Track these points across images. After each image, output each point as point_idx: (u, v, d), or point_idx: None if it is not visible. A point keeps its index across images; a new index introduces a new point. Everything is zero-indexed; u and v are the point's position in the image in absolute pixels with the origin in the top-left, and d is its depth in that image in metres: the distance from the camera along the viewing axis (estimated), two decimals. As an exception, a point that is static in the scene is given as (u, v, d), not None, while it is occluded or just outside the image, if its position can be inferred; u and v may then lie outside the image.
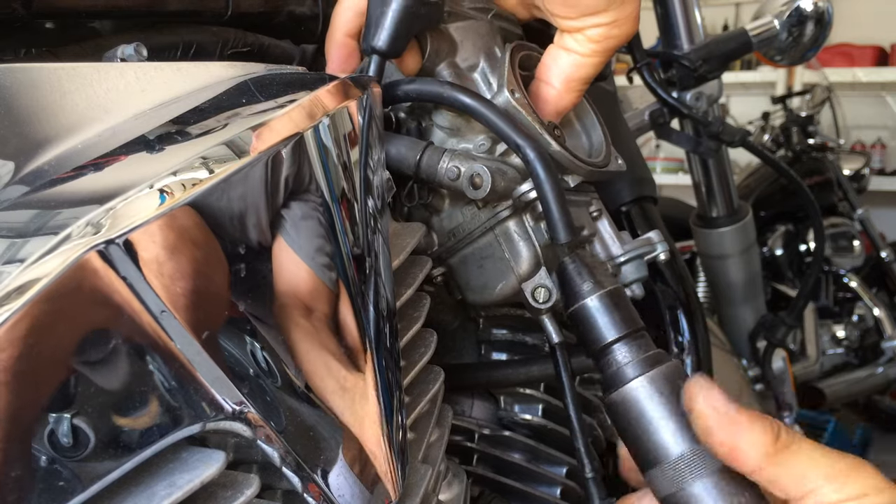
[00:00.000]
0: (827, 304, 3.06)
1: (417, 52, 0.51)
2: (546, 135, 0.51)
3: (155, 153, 0.30)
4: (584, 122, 0.60)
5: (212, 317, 0.29)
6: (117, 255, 0.26)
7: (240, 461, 0.34)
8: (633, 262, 0.59)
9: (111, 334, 0.26)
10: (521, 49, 0.54)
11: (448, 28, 0.53)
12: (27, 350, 0.24)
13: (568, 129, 0.59)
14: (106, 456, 0.26)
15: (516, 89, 0.50)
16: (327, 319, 0.34)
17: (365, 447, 0.36)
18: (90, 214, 0.26)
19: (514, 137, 0.46)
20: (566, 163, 0.52)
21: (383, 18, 0.47)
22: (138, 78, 0.34)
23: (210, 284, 0.29)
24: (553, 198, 0.46)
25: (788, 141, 3.19)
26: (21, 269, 0.24)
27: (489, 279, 0.54)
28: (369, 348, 0.36)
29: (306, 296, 0.33)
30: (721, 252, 1.45)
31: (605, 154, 0.58)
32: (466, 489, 0.53)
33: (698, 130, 1.24)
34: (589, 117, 0.59)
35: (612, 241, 0.59)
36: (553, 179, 0.46)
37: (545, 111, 0.53)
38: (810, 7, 1.07)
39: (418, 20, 0.48)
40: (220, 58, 0.49)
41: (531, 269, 0.52)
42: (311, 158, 0.33)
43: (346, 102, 0.36)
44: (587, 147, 0.59)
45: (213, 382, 0.29)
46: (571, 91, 0.53)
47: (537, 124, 0.50)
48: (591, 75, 0.52)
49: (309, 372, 0.33)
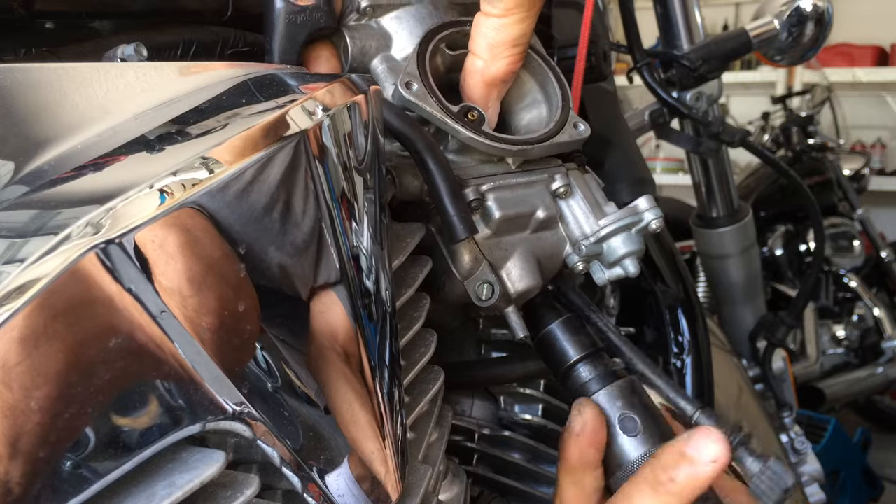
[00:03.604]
0: (827, 304, 3.06)
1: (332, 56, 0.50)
2: (451, 122, 0.48)
3: (155, 153, 0.30)
4: (547, 90, 0.55)
5: (211, 317, 0.29)
6: (117, 255, 0.26)
7: (240, 461, 0.34)
8: (620, 236, 0.53)
9: (111, 334, 0.26)
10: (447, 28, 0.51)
11: (379, 21, 0.51)
12: (27, 350, 0.24)
13: (525, 101, 0.56)
14: (106, 456, 0.26)
15: (414, 81, 0.48)
16: (327, 319, 0.34)
17: (365, 447, 0.36)
18: (90, 214, 0.26)
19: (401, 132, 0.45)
20: (484, 148, 0.49)
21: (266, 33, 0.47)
22: (138, 78, 0.34)
23: (210, 284, 0.29)
24: (444, 192, 0.44)
25: (788, 141, 3.19)
26: (21, 269, 0.24)
27: (435, 280, 0.51)
28: (369, 348, 0.36)
29: (307, 296, 0.33)
30: (721, 252, 1.44)
31: (558, 122, 0.53)
32: (466, 489, 0.53)
33: (698, 130, 1.24)
34: (550, 85, 0.55)
35: (585, 217, 0.54)
36: (442, 172, 0.44)
37: (473, 85, 0.50)
38: (810, 7, 1.07)
39: (301, 28, 0.47)
40: (220, 57, 0.49)
41: (471, 266, 0.50)
42: (312, 158, 0.33)
43: (345, 102, 0.36)
44: (547, 118, 0.54)
45: (212, 383, 0.29)
46: (499, 58, 0.48)
47: (440, 113, 0.48)
48: (516, 36, 0.48)
49: (308, 372, 0.33)
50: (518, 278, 0.51)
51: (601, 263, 0.55)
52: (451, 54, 0.52)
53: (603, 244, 0.53)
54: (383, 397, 0.37)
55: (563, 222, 0.54)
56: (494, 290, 0.50)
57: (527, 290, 0.52)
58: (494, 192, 0.50)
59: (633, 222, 0.53)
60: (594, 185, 0.56)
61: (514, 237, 0.52)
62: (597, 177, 0.57)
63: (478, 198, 0.49)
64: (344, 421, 0.35)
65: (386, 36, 0.51)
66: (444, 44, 0.51)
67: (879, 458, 2.66)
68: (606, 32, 0.81)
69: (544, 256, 0.53)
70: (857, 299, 3.08)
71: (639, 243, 0.53)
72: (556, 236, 0.54)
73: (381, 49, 0.51)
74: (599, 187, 0.56)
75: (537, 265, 0.53)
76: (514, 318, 0.51)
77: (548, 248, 0.54)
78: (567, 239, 0.54)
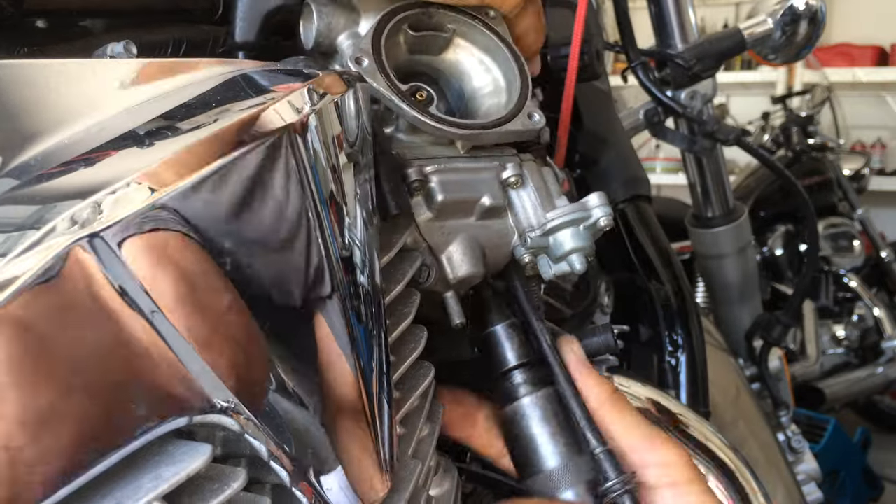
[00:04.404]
0: (827, 304, 3.07)
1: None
2: (397, 100, 0.48)
3: (143, 148, 0.30)
4: (508, 78, 0.54)
5: (198, 311, 0.29)
6: (102, 248, 0.26)
7: (228, 455, 0.34)
8: (568, 230, 0.51)
9: (95, 328, 0.26)
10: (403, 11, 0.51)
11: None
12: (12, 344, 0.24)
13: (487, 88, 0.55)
14: (92, 449, 0.27)
15: (366, 56, 0.48)
16: (316, 315, 0.34)
17: (354, 442, 0.36)
18: (75, 208, 0.26)
19: None
20: (429, 129, 0.49)
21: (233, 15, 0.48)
22: (127, 74, 0.35)
23: (196, 278, 0.29)
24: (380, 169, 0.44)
25: (788, 141, 3.19)
26: (5, 262, 0.24)
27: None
28: (358, 344, 0.36)
29: (294, 290, 0.33)
30: (717, 252, 1.44)
31: (511, 111, 0.52)
32: (458, 485, 0.53)
33: (693, 129, 1.24)
34: (511, 73, 0.54)
35: (534, 208, 0.53)
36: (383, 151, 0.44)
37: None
38: (803, 6, 1.07)
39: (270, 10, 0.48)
40: (210, 56, 0.49)
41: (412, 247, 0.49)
42: (299, 152, 0.33)
43: (334, 97, 0.36)
44: (506, 106, 0.53)
45: (199, 376, 0.29)
46: None
47: (386, 90, 0.47)
48: None
49: (297, 367, 0.33)
50: (459, 264, 0.50)
51: (548, 257, 0.54)
52: (413, 35, 0.51)
53: (549, 237, 0.52)
54: (372, 392, 0.37)
55: (513, 212, 0.53)
56: (430, 272, 0.49)
57: (467, 276, 0.51)
58: (438, 175, 0.49)
59: (582, 218, 0.52)
60: (551, 178, 0.55)
61: (457, 222, 0.51)
62: (558, 171, 0.56)
63: (420, 178, 0.48)
64: (332, 415, 0.35)
65: (354, 12, 0.51)
66: (408, 24, 0.51)
67: (879, 458, 2.66)
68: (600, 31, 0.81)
69: (490, 245, 0.52)
70: (857, 299, 3.09)
71: (587, 240, 0.52)
72: (504, 225, 0.53)
73: (349, 26, 0.51)
74: (557, 181, 0.55)
75: (480, 253, 0.51)
76: (451, 303, 0.50)
77: (494, 237, 0.52)
78: (514, 229, 0.53)
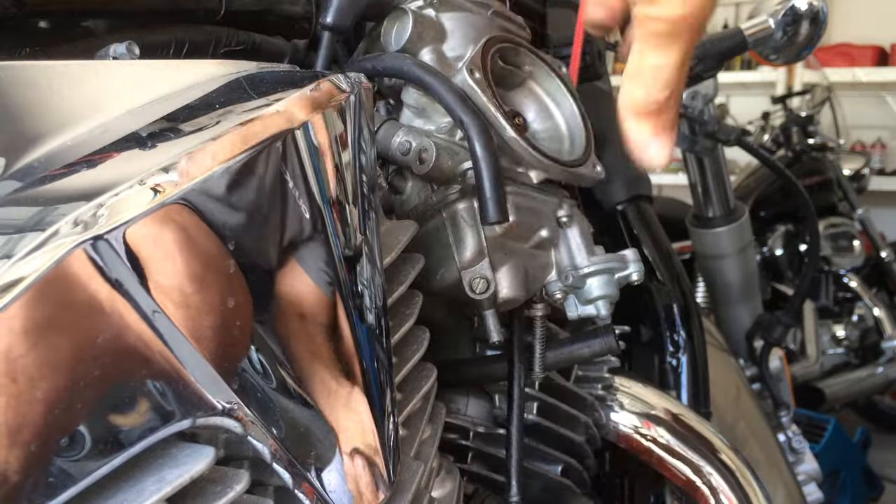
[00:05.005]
0: (827, 304, 3.06)
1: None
2: (502, 119, 0.50)
3: (146, 150, 0.30)
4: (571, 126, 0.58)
5: (202, 314, 0.29)
6: (106, 251, 0.26)
7: (231, 457, 0.34)
8: (600, 277, 0.55)
9: (99, 330, 0.26)
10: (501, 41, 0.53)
11: (439, 16, 0.53)
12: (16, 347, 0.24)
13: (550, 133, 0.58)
14: (95, 451, 0.26)
15: (477, 70, 0.50)
16: (318, 317, 0.34)
17: (356, 443, 0.36)
18: (79, 210, 0.26)
19: (458, 112, 0.46)
20: (522, 152, 0.52)
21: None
22: (129, 76, 0.35)
23: (200, 281, 0.29)
24: (487, 174, 0.45)
25: (788, 141, 3.19)
26: (8, 265, 0.24)
27: (433, 265, 0.52)
28: (361, 346, 0.36)
29: (297, 293, 0.33)
30: (717, 252, 1.44)
31: (581, 157, 0.56)
32: (460, 486, 0.53)
33: (694, 129, 1.24)
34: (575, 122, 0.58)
35: (578, 250, 0.57)
36: (490, 157, 0.46)
37: None
38: (805, 6, 1.07)
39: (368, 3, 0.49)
40: (213, 56, 0.49)
41: (473, 258, 0.51)
42: (302, 155, 0.33)
43: (336, 99, 0.36)
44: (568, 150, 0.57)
45: (203, 379, 0.29)
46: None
47: (493, 107, 0.50)
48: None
49: (300, 369, 0.33)
50: (508, 285, 0.53)
51: (577, 299, 0.57)
52: (500, 65, 0.54)
53: (587, 280, 0.56)
54: (375, 393, 0.37)
55: (556, 249, 0.57)
56: (490, 286, 0.51)
57: (512, 298, 0.53)
58: (514, 197, 0.53)
59: (618, 268, 0.56)
60: (586, 225, 0.59)
61: (515, 245, 0.54)
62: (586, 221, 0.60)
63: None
64: (335, 417, 0.35)
65: (443, 31, 0.53)
66: (500, 54, 0.54)
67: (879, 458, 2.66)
68: (602, 32, 0.81)
69: (531, 275, 0.55)
70: (857, 299, 3.08)
71: (615, 289, 0.56)
72: (547, 260, 0.56)
73: (435, 41, 0.53)
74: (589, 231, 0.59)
75: (525, 279, 0.54)
76: (492, 321, 0.52)
77: (537, 268, 0.56)
78: (555, 265, 0.57)
